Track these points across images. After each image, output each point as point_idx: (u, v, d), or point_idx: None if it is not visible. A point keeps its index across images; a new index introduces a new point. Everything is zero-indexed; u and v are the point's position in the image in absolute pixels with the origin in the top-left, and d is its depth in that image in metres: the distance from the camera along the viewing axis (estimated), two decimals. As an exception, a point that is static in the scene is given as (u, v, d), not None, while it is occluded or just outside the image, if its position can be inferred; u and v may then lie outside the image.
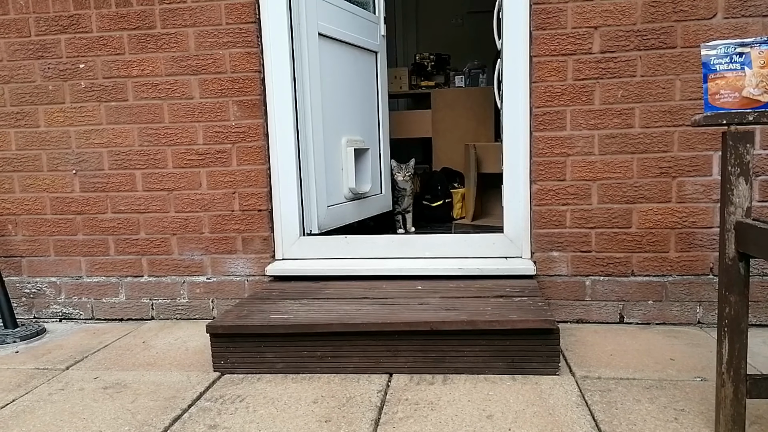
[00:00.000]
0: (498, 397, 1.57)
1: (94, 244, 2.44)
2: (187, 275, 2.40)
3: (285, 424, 1.45)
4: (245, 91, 2.28)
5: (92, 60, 2.34)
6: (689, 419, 1.41)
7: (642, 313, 2.15)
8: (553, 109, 2.11)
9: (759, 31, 1.97)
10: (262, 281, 2.36)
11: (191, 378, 1.78)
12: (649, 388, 1.59)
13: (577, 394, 1.57)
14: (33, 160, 2.43)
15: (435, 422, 1.43)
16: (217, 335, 1.81)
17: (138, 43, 2.31)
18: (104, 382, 1.77)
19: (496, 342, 1.71)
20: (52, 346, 2.16)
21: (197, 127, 2.32)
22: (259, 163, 2.31)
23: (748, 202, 1.20)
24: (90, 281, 2.46)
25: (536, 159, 2.15)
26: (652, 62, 2.05)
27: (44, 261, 2.48)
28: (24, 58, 2.38)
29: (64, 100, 2.38)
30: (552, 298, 2.19)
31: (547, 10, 2.08)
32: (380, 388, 1.65)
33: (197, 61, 2.29)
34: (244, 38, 2.25)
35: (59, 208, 2.44)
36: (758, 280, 2.07)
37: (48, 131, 2.40)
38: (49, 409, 1.60)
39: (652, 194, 2.10)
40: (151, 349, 2.07)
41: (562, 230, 2.16)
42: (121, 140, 2.37)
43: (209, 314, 2.40)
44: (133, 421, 1.50)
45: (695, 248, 2.10)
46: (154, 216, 2.39)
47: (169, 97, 2.32)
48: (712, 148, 2.04)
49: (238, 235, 2.35)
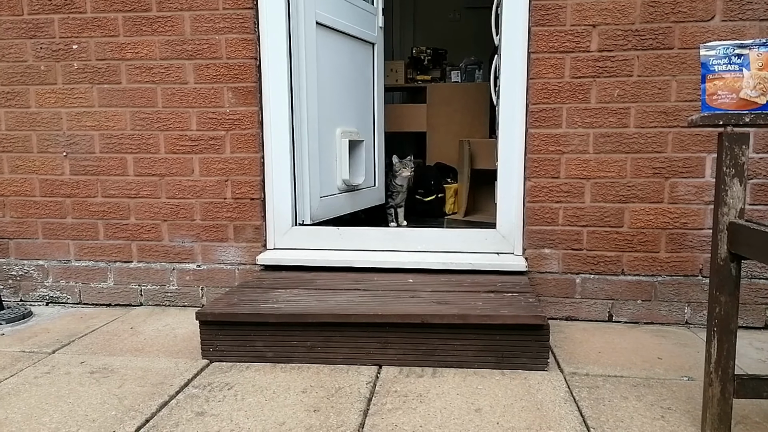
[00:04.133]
0: (487, 391, 1.57)
1: (84, 227, 2.41)
2: (177, 262, 2.38)
3: (273, 413, 1.44)
4: (241, 78, 2.26)
5: (86, 41, 2.31)
6: (676, 417, 1.42)
7: (631, 312, 2.17)
8: (550, 107, 2.12)
9: (756, 35, 1.98)
10: (252, 270, 2.34)
11: (179, 365, 1.77)
12: (637, 386, 1.60)
13: (566, 390, 1.58)
14: (23, 141, 2.39)
15: (423, 414, 1.43)
16: (207, 323, 1.80)
17: (133, 25, 2.28)
18: (91, 367, 1.76)
19: (486, 336, 1.72)
20: (38, 330, 2.13)
21: (191, 113, 2.30)
22: (253, 151, 2.29)
23: (741, 204, 1.20)
24: (78, 265, 2.44)
25: (531, 156, 2.15)
26: (649, 62, 2.05)
27: (32, 243, 2.45)
28: (16, 37, 2.34)
29: (56, 81, 2.34)
30: (542, 294, 2.20)
31: (547, 6, 2.07)
32: (369, 380, 1.65)
33: (192, 46, 2.26)
34: (241, 24, 2.23)
35: (48, 190, 2.41)
36: (746, 283, 2.09)
37: (39, 112, 2.37)
38: (35, 392, 1.58)
39: (644, 194, 2.11)
40: (139, 335, 2.05)
41: (555, 227, 2.17)
42: (113, 123, 2.34)
43: (198, 302, 2.39)
44: (120, 406, 1.49)
45: (685, 249, 2.11)
46: (145, 201, 2.37)
47: (163, 82, 2.29)
48: (706, 150, 2.06)
49: (230, 223, 2.34)
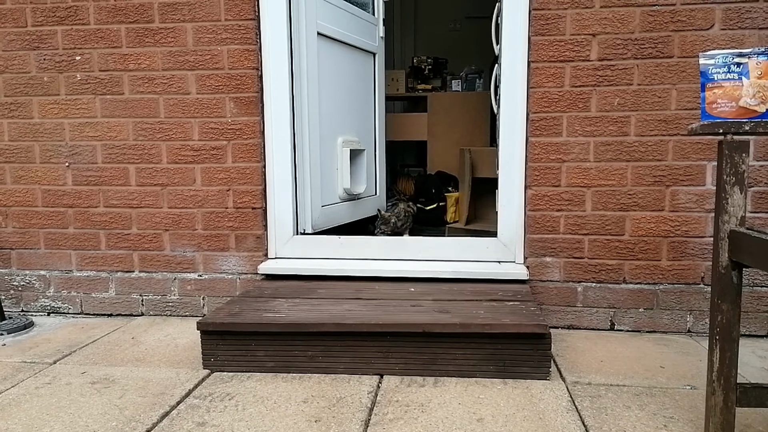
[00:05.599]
0: (489, 400, 1.56)
1: (85, 237, 2.41)
2: (179, 272, 2.38)
3: (274, 423, 1.44)
4: (242, 88, 2.27)
5: (89, 52, 2.33)
6: (678, 427, 1.41)
7: (633, 320, 2.16)
8: (550, 115, 2.12)
9: (755, 43, 1.99)
10: (254, 280, 2.34)
11: (180, 375, 1.77)
12: (639, 395, 1.60)
13: (568, 400, 1.57)
14: (26, 151, 2.40)
15: (425, 424, 1.43)
16: (208, 332, 1.80)
17: (136, 36, 2.30)
18: (92, 377, 1.76)
19: (488, 345, 1.71)
20: (39, 340, 2.13)
21: (193, 123, 2.31)
22: (255, 160, 2.30)
23: (742, 212, 1.20)
24: (80, 275, 2.44)
25: (531, 164, 2.15)
26: (648, 71, 2.06)
27: (34, 254, 2.45)
28: (20, 48, 2.35)
29: (59, 92, 2.36)
30: (544, 303, 2.20)
31: (547, 16, 2.09)
32: (371, 389, 1.64)
33: (195, 57, 2.28)
34: (243, 35, 2.24)
35: (51, 200, 2.41)
36: (748, 291, 2.09)
37: (42, 123, 2.38)
38: (36, 402, 1.58)
39: (645, 202, 2.11)
40: (140, 345, 2.05)
41: (556, 236, 2.17)
42: (116, 134, 2.35)
43: (200, 311, 2.39)
44: (121, 417, 1.48)
45: (687, 257, 2.11)
46: (147, 211, 2.37)
47: (166, 92, 2.31)
48: (706, 158, 2.06)
49: (232, 232, 2.34)
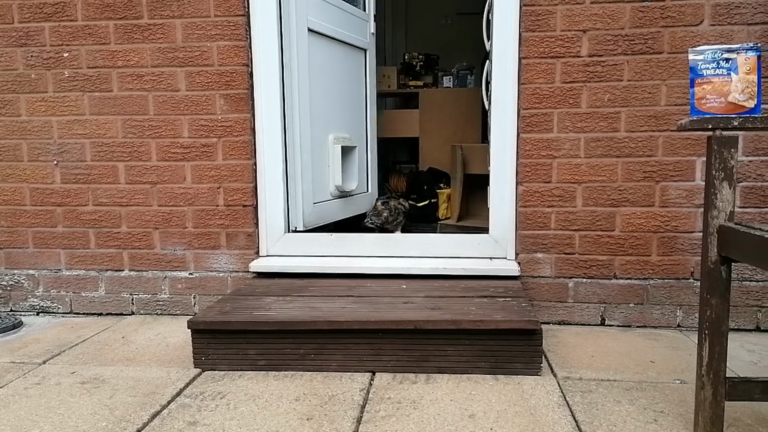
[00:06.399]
0: (480, 396, 1.57)
1: (75, 236, 2.39)
2: (169, 270, 2.37)
3: (266, 422, 1.44)
4: (232, 85, 2.25)
5: (77, 49, 2.30)
6: (668, 421, 1.42)
7: (623, 315, 2.17)
8: (541, 111, 2.12)
9: (744, 39, 2.00)
10: (245, 278, 2.33)
11: (171, 374, 1.76)
12: (630, 390, 1.61)
13: (559, 395, 1.57)
14: (13, 149, 2.38)
15: (417, 421, 1.43)
16: (199, 331, 1.79)
17: (124, 33, 2.27)
18: (82, 377, 1.74)
19: (479, 342, 1.71)
20: (28, 340, 2.11)
21: (183, 120, 2.29)
22: (245, 158, 2.29)
23: (731, 207, 1.21)
24: (69, 274, 2.42)
25: (523, 160, 2.16)
26: (639, 67, 2.06)
27: (22, 253, 2.43)
28: (6, 45, 2.32)
29: (47, 89, 2.33)
30: (535, 299, 2.20)
31: (537, 12, 2.09)
32: (363, 387, 1.64)
33: (184, 53, 2.26)
34: (233, 31, 2.23)
35: (39, 199, 2.39)
36: (737, 285, 2.10)
37: (29, 120, 2.36)
38: (25, 403, 1.56)
39: (635, 198, 2.12)
40: (131, 345, 2.04)
41: (547, 232, 2.18)
42: (105, 131, 2.33)
43: (191, 310, 2.37)
44: (111, 417, 1.47)
45: (677, 252, 2.12)
46: (137, 209, 2.35)
47: (155, 89, 2.29)
48: (696, 153, 2.07)
49: (222, 230, 2.33)
